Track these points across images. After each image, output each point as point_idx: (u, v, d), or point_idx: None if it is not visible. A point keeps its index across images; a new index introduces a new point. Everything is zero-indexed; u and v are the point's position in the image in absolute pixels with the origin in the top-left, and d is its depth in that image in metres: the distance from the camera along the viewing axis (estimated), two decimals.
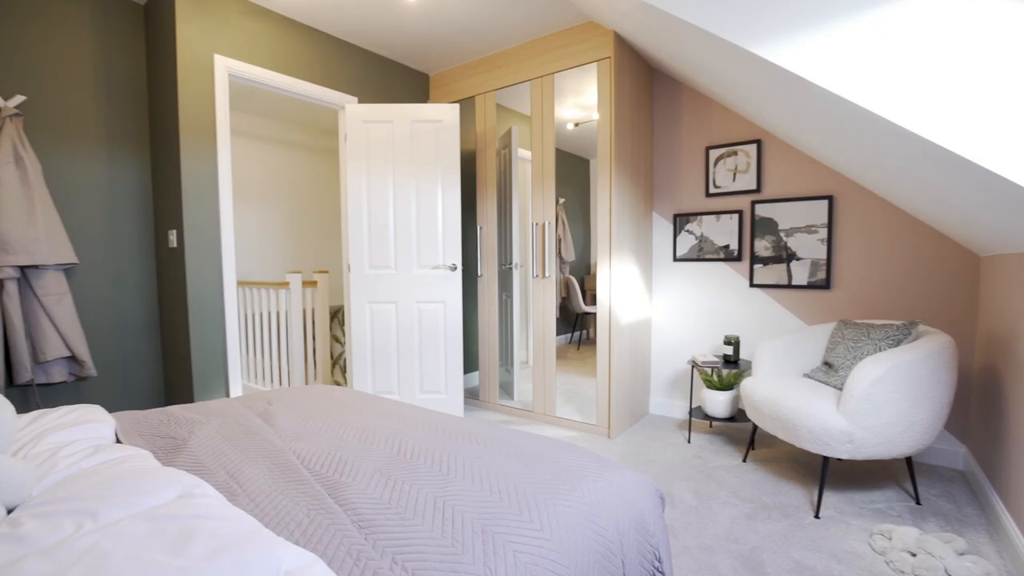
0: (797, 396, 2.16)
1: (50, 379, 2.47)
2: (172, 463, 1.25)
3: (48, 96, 2.51)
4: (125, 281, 2.79)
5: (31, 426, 1.37)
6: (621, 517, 1.09)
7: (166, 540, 0.81)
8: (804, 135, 2.51)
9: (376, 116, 3.16)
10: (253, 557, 0.75)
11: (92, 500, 0.94)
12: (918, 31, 1.39)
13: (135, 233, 2.83)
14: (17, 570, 0.72)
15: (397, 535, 0.89)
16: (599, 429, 3.02)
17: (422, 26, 3.07)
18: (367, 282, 3.21)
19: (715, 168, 3.15)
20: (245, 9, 2.75)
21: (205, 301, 2.65)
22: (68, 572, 0.71)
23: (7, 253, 2.29)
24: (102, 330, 2.71)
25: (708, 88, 2.94)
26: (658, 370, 3.46)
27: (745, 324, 3.11)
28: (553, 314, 3.21)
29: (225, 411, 1.64)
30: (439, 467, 1.17)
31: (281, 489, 1.07)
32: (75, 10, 2.58)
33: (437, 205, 3.20)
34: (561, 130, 4.05)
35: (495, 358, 3.56)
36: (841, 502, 2.15)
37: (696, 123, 3.22)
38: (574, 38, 3.02)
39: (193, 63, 2.56)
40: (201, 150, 2.62)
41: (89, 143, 2.65)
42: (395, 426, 1.48)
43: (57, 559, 0.75)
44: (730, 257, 3.12)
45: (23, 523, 0.87)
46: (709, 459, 2.66)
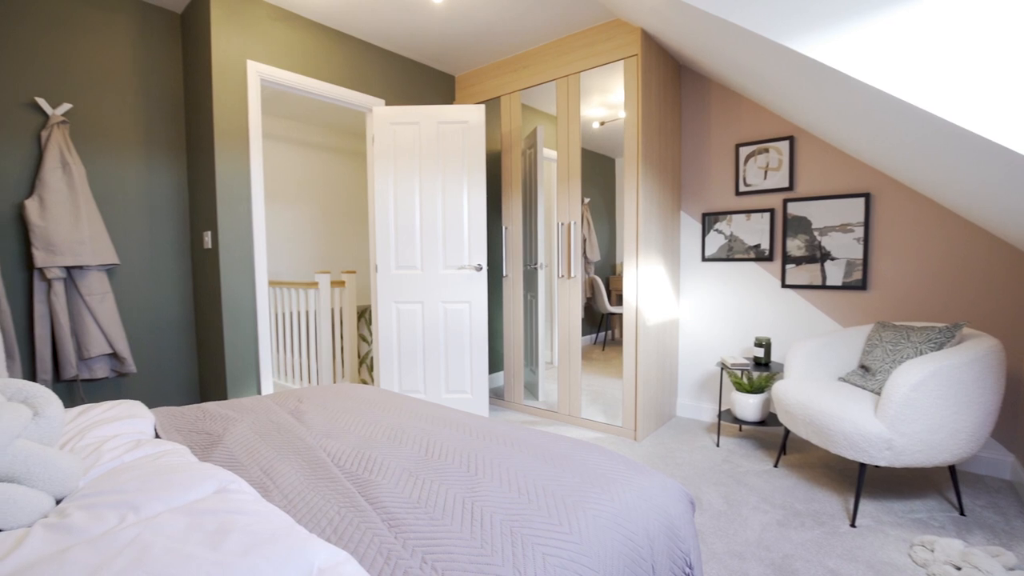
0: (832, 400, 2.10)
1: (93, 375, 2.58)
2: (208, 458, 1.29)
3: (92, 104, 2.62)
4: (163, 281, 2.89)
5: (77, 420, 1.42)
6: (651, 522, 1.07)
7: (204, 534, 0.83)
8: (840, 131, 2.43)
9: (403, 118, 3.20)
10: (288, 553, 0.77)
11: (134, 493, 0.97)
12: (966, 21, 1.33)
13: (172, 234, 2.92)
14: (66, 559, 0.75)
15: (427, 535, 0.90)
16: (625, 431, 2.99)
17: (448, 28, 3.09)
18: (394, 282, 3.24)
19: (745, 166, 3.08)
20: (276, 15, 2.81)
21: (238, 301, 2.72)
22: (112, 563, 0.74)
23: (54, 254, 2.40)
24: (141, 328, 2.81)
25: (738, 84, 2.88)
26: (685, 372, 3.40)
27: (776, 326, 3.03)
28: (579, 314, 3.19)
29: (257, 408, 1.68)
30: (467, 467, 1.17)
31: (312, 486, 1.09)
32: (117, 20, 2.68)
33: (463, 206, 3.22)
34: (586, 129, 4.03)
35: (520, 358, 3.56)
36: (879, 511, 2.08)
37: (725, 120, 3.15)
38: (600, 36, 2.99)
39: (227, 69, 2.63)
40: (234, 153, 2.69)
41: (130, 148, 2.75)
42: (423, 426, 1.49)
43: (102, 550, 0.78)
44: (761, 257, 3.05)
45: (71, 514, 0.91)
46: (739, 463, 2.60)
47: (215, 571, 0.72)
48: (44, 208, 2.40)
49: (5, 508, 0.88)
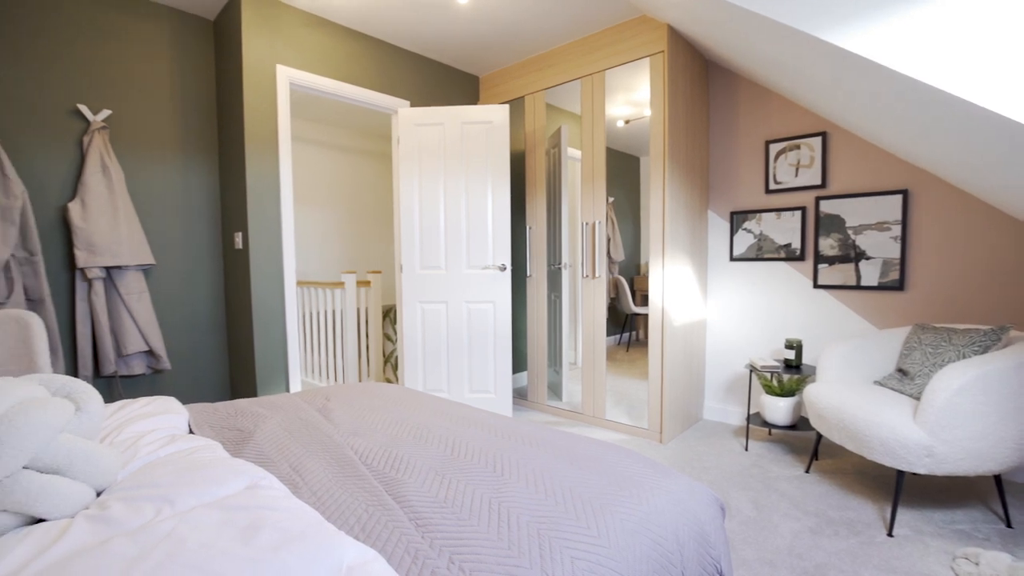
0: (868, 405, 2.02)
1: (131, 371, 2.66)
2: (239, 454, 1.31)
3: (130, 109, 2.71)
4: (196, 281, 2.97)
5: (116, 415, 1.47)
6: (680, 526, 1.05)
7: (236, 530, 0.84)
8: (876, 125, 2.35)
9: (427, 119, 3.22)
10: (317, 550, 0.77)
11: (169, 487, 1.00)
12: (1010, 6, 1.26)
13: (205, 235, 3.00)
14: (107, 550, 0.77)
15: (453, 535, 0.89)
16: (650, 433, 2.95)
17: (472, 28, 3.10)
18: (418, 282, 3.27)
19: (776, 163, 3.00)
20: (305, 20, 2.86)
21: (267, 300, 2.78)
22: (150, 555, 0.76)
23: (95, 254, 2.49)
24: (175, 326, 2.90)
25: (768, 79, 2.81)
26: (713, 374, 3.33)
27: (808, 327, 2.95)
28: (603, 314, 3.16)
29: (286, 406, 1.71)
30: (493, 468, 1.17)
31: (340, 484, 1.10)
32: (154, 29, 2.77)
33: (487, 206, 3.22)
34: (611, 127, 3.98)
35: (544, 358, 3.54)
36: (917, 520, 2.00)
37: (755, 116, 3.08)
38: (625, 33, 2.96)
39: (258, 73, 2.69)
40: (264, 156, 2.75)
41: (165, 152, 2.84)
42: (448, 425, 1.50)
43: (140, 542, 0.80)
44: (792, 256, 2.96)
45: (110, 506, 0.94)
46: (768, 468, 2.54)
47: (247, 567, 0.73)
48: (85, 210, 2.49)
49: (50, 499, 0.91)
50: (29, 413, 0.93)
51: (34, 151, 2.43)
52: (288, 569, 0.73)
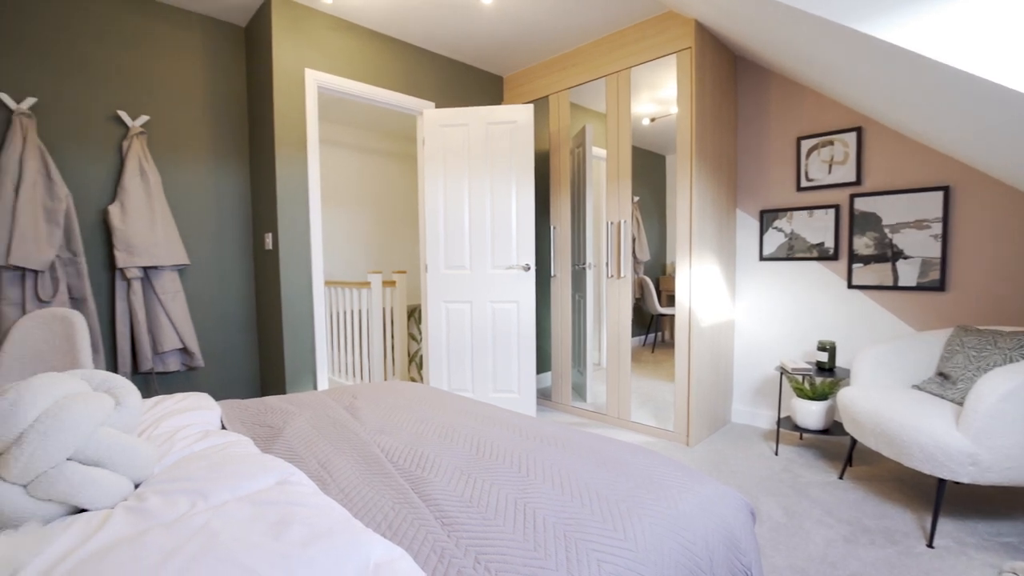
0: (906, 410, 1.95)
1: (166, 368, 2.75)
2: (269, 450, 1.34)
3: (166, 115, 2.80)
4: (228, 281, 3.06)
5: (153, 410, 1.52)
6: (710, 531, 1.03)
7: (267, 524, 0.86)
8: (916, 119, 2.26)
9: (452, 120, 3.24)
10: (346, 547, 0.78)
11: (203, 481, 1.03)
12: None
13: (236, 236, 3.08)
14: (144, 541, 0.79)
15: (479, 534, 0.89)
16: (677, 436, 2.90)
17: (497, 28, 3.10)
18: (443, 282, 3.29)
19: (807, 160, 2.92)
20: (332, 24, 2.91)
21: (296, 299, 2.83)
22: (185, 547, 0.78)
23: (133, 255, 2.58)
24: (208, 325, 2.98)
25: (800, 74, 2.74)
26: (741, 376, 3.26)
27: (841, 329, 2.85)
28: (628, 315, 3.13)
29: (314, 403, 1.74)
30: (518, 468, 1.16)
31: (367, 481, 1.12)
32: (189, 37, 2.86)
33: (511, 206, 3.22)
34: (636, 126, 3.94)
35: (568, 359, 3.53)
36: (960, 531, 1.91)
37: (786, 112, 3.00)
38: (651, 30, 2.92)
39: (287, 78, 2.75)
40: (293, 158, 2.81)
41: (198, 155, 2.92)
42: (473, 424, 1.50)
43: (176, 534, 0.82)
44: (824, 256, 2.88)
45: (148, 498, 0.97)
46: (800, 474, 2.47)
47: (278, 561, 0.74)
48: (125, 213, 2.58)
49: (92, 490, 0.95)
50: (73, 407, 0.97)
51: (77, 156, 2.53)
52: (317, 565, 0.74)
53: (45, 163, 2.37)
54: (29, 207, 2.30)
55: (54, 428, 0.92)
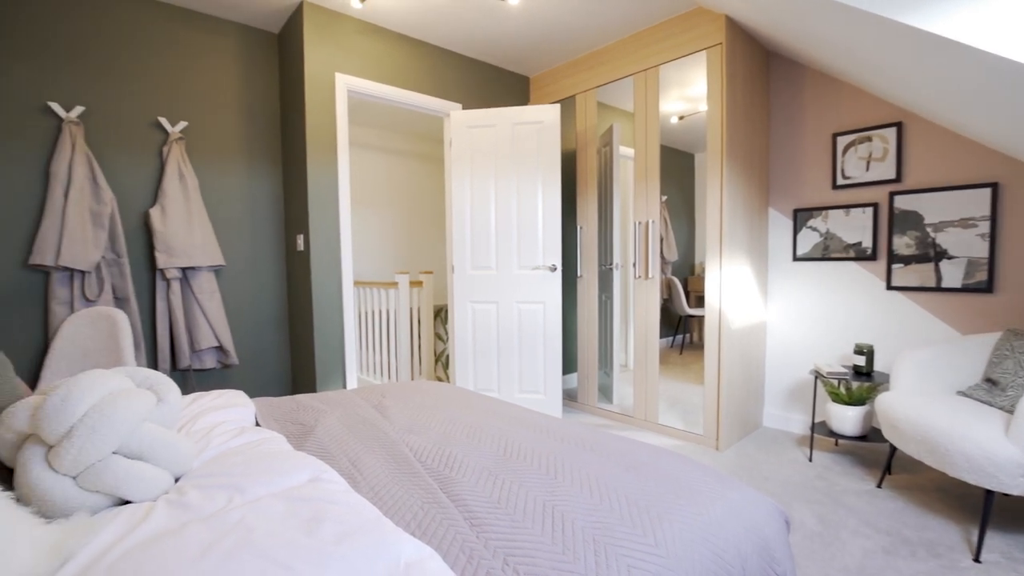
0: (951, 417, 1.87)
1: (203, 365, 2.84)
2: (301, 447, 1.37)
3: (203, 120, 2.89)
4: (261, 281, 3.14)
5: (191, 407, 1.57)
6: (742, 539, 1.00)
7: (300, 521, 0.88)
8: (961, 113, 2.16)
9: (479, 121, 3.25)
10: (377, 545, 0.79)
11: (240, 477, 1.06)
12: None
13: (270, 238, 3.16)
14: (184, 534, 0.82)
15: (507, 536, 0.89)
16: (706, 440, 2.85)
17: (523, 29, 3.10)
18: (469, 282, 3.31)
19: (844, 157, 2.82)
20: (361, 29, 2.96)
21: (327, 299, 2.89)
22: (222, 541, 0.80)
23: (172, 256, 2.67)
24: (242, 324, 3.07)
25: (837, 68, 2.65)
26: (773, 379, 3.18)
27: (879, 332, 2.75)
28: (656, 316, 3.09)
29: (344, 402, 1.77)
30: (546, 470, 1.16)
31: (397, 480, 1.13)
32: (225, 44, 2.95)
33: (537, 206, 3.22)
34: (664, 124, 3.88)
35: (594, 360, 3.50)
36: (1009, 546, 1.82)
37: (821, 108, 2.91)
38: (680, 27, 2.87)
39: (318, 82, 2.81)
40: (324, 161, 2.86)
41: (234, 159, 3.01)
42: (500, 425, 1.50)
43: (214, 527, 0.85)
44: (862, 256, 2.78)
45: (187, 492, 1.00)
46: (835, 481, 2.39)
47: (311, 557, 0.76)
48: (165, 215, 2.68)
49: (136, 483, 0.99)
50: (118, 403, 1.01)
51: (121, 161, 2.64)
52: (349, 562, 0.76)
53: (92, 168, 2.48)
54: (77, 211, 2.40)
55: (101, 423, 0.96)
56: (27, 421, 0.96)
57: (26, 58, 2.38)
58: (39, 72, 2.41)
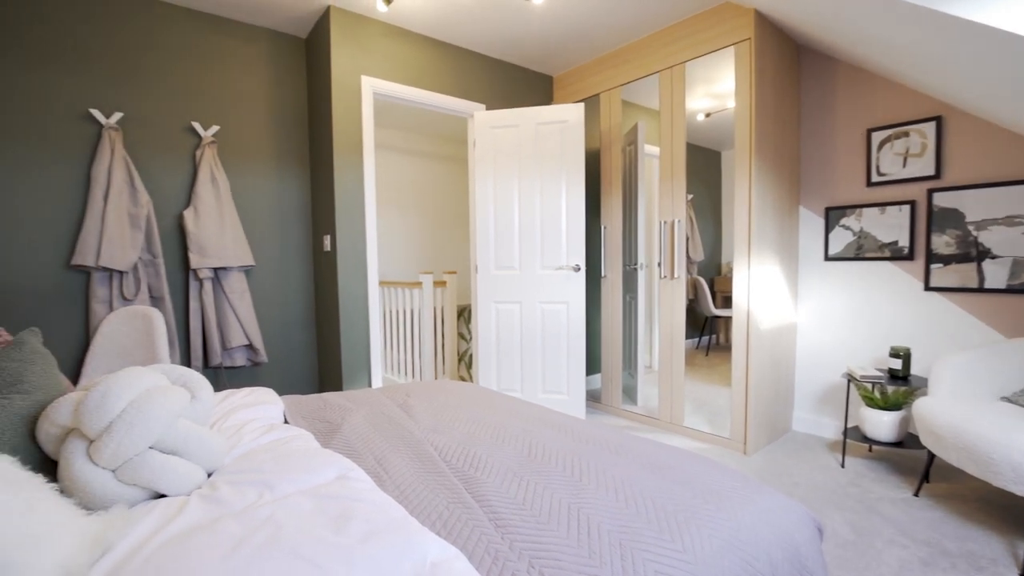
0: (996, 424, 1.79)
1: (233, 363, 2.92)
2: (328, 445, 1.39)
3: (234, 124, 2.97)
4: (289, 281, 3.20)
5: (222, 404, 1.61)
6: (773, 547, 0.98)
7: (327, 518, 0.89)
8: (1009, 105, 2.07)
9: (502, 121, 3.25)
10: (403, 545, 0.80)
11: (269, 473, 1.08)
12: None
13: (298, 239, 3.23)
14: (217, 528, 0.84)
15: (533, 538, 0.89)
16: (733, 443, 2.79)
17: (547, 28, 3.09)
18: (493, 282, 3.31)
19: (879, 153, 2.73)
20: (386, 32, 2.99)
21: (353, 299, 2.94)
22: (253, 536, 0.82)
23: (205, 256, 2.75)
24: (271, 323, 3.13)
25: (872, 61, 2.57)
26: (804, 382, 3.10)
27: (917, 334, 2.65)
28: (682, 317, 3.04)
29: (370, 400, 1.79)
30: (571, 472, 1.15)
31: (422, 479, 1.14)
32: (254, 50, 3.02)
33: (561, 206, 3.20)
34: (690, 121, 3.82)
35: (618, 361, 3.47)
36: None
37: (854, 103, 2.82)
38: (707, 22, 2.82)
39: (344, 85, 2.85)
40: (350, 163, 2.91)
41: (263, 162, 3.08)
42: (524, 425, 1.50)
43: (245, 523, 0.87)
44: (898, 255, 2.69)
45: (219, 487, 1.03)
46: (869, 488, 2.31)
47: (339, 555, 0.77)
48: (198, 217, 2.76)
49: (171, 477, 1.02)
50: (154, 400, 1.04)
51: (156, 165, 2.73)
52: (376, 561, 0.76)
53: (129, 172, 2.57)
54: (116, 213, 2.49)
55: (139, 418, 1.00)
56: (70, 416, 1.00)
57: (69, 68, 2.47)
58: (81, 81, 2.51)
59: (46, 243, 2.44)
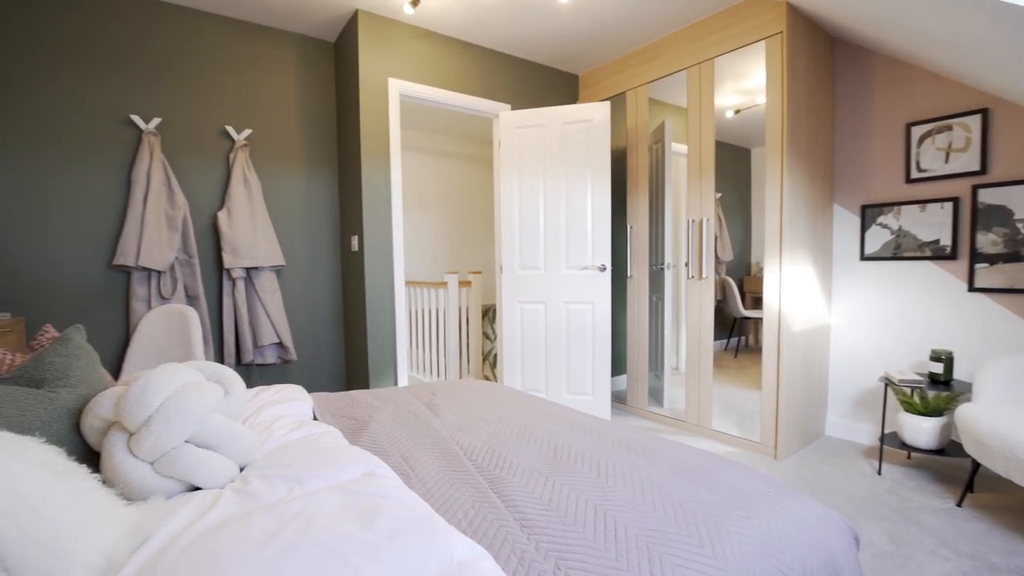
0: None
1: (264, 360, 2.99)
2: (356, 442, 1.41)
3: (266, 127, 3.04)
4: (318, 280, 3.27)
5: (254, 400, 1.65)
6: (808, 556, 0.95)
7: (355, 514, 0.90)
8: None
9: (527, 121, 3.25)
10: (430, 542, 0.80)
11: (299, 469, 1.10)
12: None
13: (326, 239, 3.29)
14: (249, 521, 0.86)
15: (558, 539, 0.88)
16: (763, 448, 2.72)
17: (573, 26, 3.07)
18: (517, 282, 3.31)
19: (919, 148, 2.63)
20: (413, 34, 3.02)
21: (379, 299, 2.97)
22: (284, 530, 0.84)
23: (238, 256, 2.82)
24: (300, 321, 3.20)
25: (912, 52, 2.47)
26: (838, 385, 3.00)
27: (959, 337, 2.54)
28: (710, 318, 2.98)
29: (397, 399, 1.81)
30: (597, 473, 1.14)
31: (448, 478, 1.14)
32: (285, 55, 3.09)
33: (586, 205, 3.18)
34: (718, 118, 3.74)
35: (644, 362, 3.42)
36: None
37: (893, 96, 2.72)
38: (737, 17, 2.76)
39: (372, 87, 2.89)
40: (377, 164, 2.94)
41: (293, 164, 3.15)
42: (549, 426, 1.49)
43: (276, 516, 0.88)
44: (939, 255, 2.58)
45: (252, 481, 1.05)
46: (908, 497, 2.22)
47: (366, 551, 0.78)
48: (231, 218, 2.84)
49: (205, 471, 1.04)
50: (190, 395, 1.07)
51: (192, 168, 2.82)
52: (403, 558, 0.77)
53: (167, 175, 2.66)
54: (154, 215, 2.58)
55: (175, 413, 1.03)
56: (111, 410, 1.04)
57: (112, 76, 2.58)
58: (122, 88, 2.61)
59: (90, 244, 2.55)
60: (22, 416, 0.97)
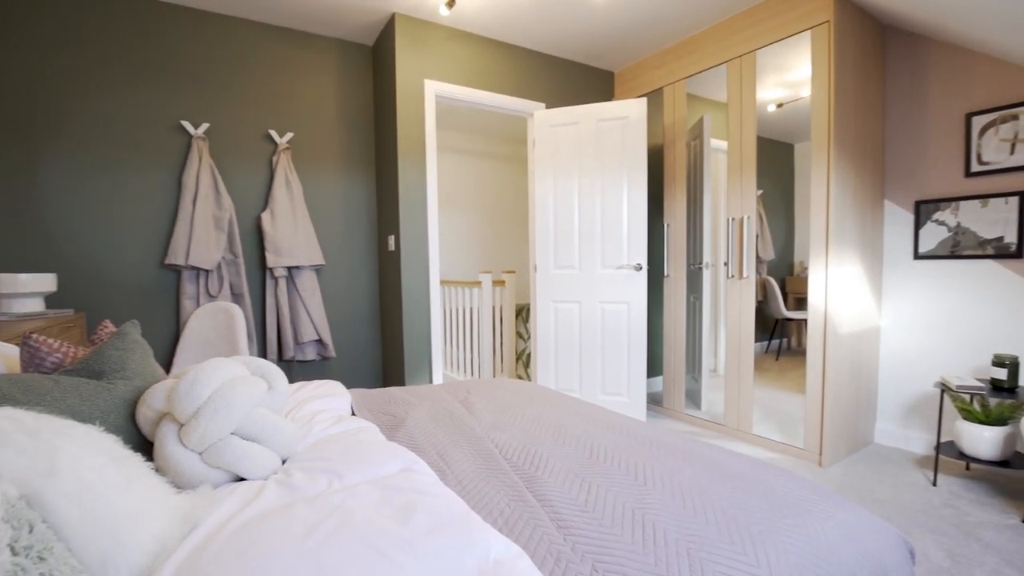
0: None
1: (304, 357, 3.08)
2: (393, 438, 1.43)
3: (307, 130, 3.13)
4: (356, 279, 3.34)
5: (295, 395, 1.70)
6: (858, 568, 0.90)
7: (393, 509, 0.91)
8: None
9: (562, 119, 3.23)
10: (467, 539, 0.80)
11: (338, 463, 1.12)
12: None
13: (364, 239, 3.36)
14: (291, 513, 0.88)
15: (596, 541, 0.87)
16: (807, 454, 2.62)
17: (608, 22, 3.03)
18: (552, 282, 3.29)
19: (981, 139, 2.47)
20: (448, 35, 3.05)
21: (415, 298, 3.02)
22: (324, 523, 0.85)
23: (280, 256, 2.92)
24: (339, 319, 3.28)
25: (973, 38, 2.33)
26: (888, 391, 2.86)
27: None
28: (751, 319, 2.89)
29: (432, 396, 1.83)
30: (634, 476, 1.12)
31: (483, 476, 1.14)
32: (325, 59, 3.17)
33: (622, 204, 3.14)
34: (760, 113, 3.63)
35: (681, 364, 3.35)
36: None
37: (950, 85, 2.57)
38: (780, 7, 2.66)
39: (408, 89, 2.93)
40: (413, 165, 2.99)
41: (332, 165, 3.23)
42: (584, 426, 1.48)
43: (317, 509, 0.90)
44: (1003, 253, 2.42)
45: (293, 474, 1.08)
46: (967, 511, 2.10)
47: (404, 546, 0.78)
48: (274, 219, 2.93)
49: (250, 462, 1.08)
50: (237, 388, 1.11)
51: (237, 171, 2.92)
52: (440, 554, 0.77)
53: (214, 178, 2.78)
54: (202, 216, 2.70)
55: (223, 405, 1.07)
56: (163, 401, 1.08)
57: (163, 84, 2.70)
58: (174, 96, 2.73)
59: (144, 245, 2.68)
60: (83, 405, 1.03)
